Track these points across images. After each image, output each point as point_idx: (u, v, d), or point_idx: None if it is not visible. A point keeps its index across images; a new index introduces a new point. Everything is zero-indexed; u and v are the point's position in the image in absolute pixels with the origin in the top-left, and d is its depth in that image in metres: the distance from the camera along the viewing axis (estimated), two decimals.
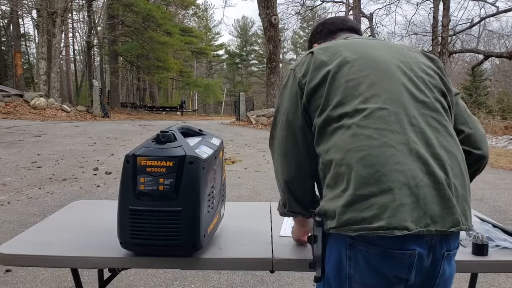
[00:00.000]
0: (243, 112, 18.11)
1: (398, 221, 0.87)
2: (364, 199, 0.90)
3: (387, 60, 1.05)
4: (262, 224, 1.57)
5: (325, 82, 1.03)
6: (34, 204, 4.22)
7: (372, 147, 0.93)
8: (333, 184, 0.96)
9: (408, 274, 0.92)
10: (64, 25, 20.82)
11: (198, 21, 42.27)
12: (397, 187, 0.89)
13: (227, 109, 43.25)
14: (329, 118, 1.00)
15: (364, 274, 0.93)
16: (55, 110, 16.45)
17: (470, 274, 1.60)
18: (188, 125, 1.48)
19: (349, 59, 1.04)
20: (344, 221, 0.91)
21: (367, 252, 0.91)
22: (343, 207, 0.92)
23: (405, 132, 0.95)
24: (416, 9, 38.40)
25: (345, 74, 1.02)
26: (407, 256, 0.90)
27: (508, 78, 24.24)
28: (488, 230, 1.40)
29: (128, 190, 1.18)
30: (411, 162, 0.92)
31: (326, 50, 1.09)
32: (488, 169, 7.28)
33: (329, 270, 0.99)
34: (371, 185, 0.90)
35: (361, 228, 0.89)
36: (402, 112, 0.97)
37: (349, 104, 0.99)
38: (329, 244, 0.98)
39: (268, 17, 15.93)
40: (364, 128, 0.95)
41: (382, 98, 0.98)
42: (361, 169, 0.91)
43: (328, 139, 1.00)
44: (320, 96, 1.03)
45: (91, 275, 2.51)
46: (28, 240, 1.39)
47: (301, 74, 1.08)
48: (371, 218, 0.88)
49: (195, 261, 1.25)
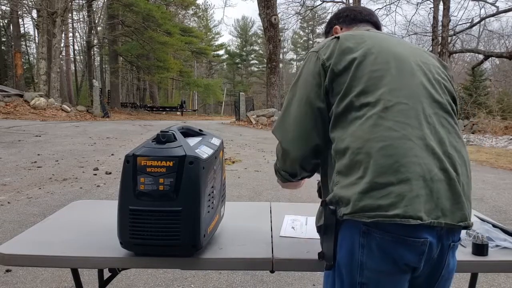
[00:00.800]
0: (243, 112, 18.11)
1: (413, 211, 0.90)
2: (381, 187, 0.92)
3: (409, 58, 1.08)
4: (262, 224, 1.57)
5: (350, 69, 1.04)
6: (34, 204, 4.22)
7: (392, 138, 0.96)
8: (347, 171, 0.97)
9: (419, 263, 0.95)
10: (64, 25, 20.82)
11: (198, 21, 42.28)
12: (414, 178, 0.92)
13: (227, 109, 43.25)
14: (351, 106, 1.02)
15: (377, 261, 0.94)
16: (55, 110, 16.45)
17: (470, 274, 1.60)
18: (188, 125, 1.48)
19: (373, 50, 1.07)
20: (360, 208, 0.92)
21: (382, 239, 0.93)
22: (359, 193, 0.93)
23: (422, 128, 0.98)
24: (416, 9, 38.43)
25: (370, 64, 1.04)
26: (420, 244, 0.93)
27: (508, 78, 24.24)
28: (488, 230, 1.40)
29: (128, 190, 1.18)
30: (427, 156, 0.96)
31: (352, 37, 1.11)
32: (488, 169, 7.28)
33: (340, 257, 0.99)
34: (389, 174, 0.93)
35: (377, 215, 0.91)
36: (420, 109, 1.01)
37: (372, 94, 1.01)
38: (342, 232, 0.98)
39: (268, 17, 15.93)
40: (385, 119, 0.98)
41: (403, 93, 1.01)
42: (380, 159, 0.94)
43: (347, 127, 1.01)
44: (343, 82, 1.04)
45: (91, 275, 2.51)
46: (28, 240, 1.39)
47: (326, 56, 1.08)
48: (388, 206, 0.91)
49: (195, 261, 1.25)
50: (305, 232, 1.49)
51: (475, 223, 1.46)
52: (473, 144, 12.32)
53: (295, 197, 4.66)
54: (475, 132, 14.30)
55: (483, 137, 13.21)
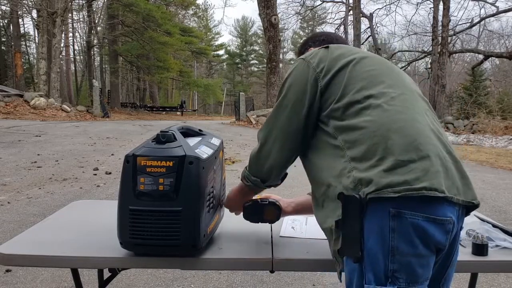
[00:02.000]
0: (243, 112, 18.12)
1: (438, 184, 0.93)
2: (405, 165, 0.94)
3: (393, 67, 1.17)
4: (262, 224, 1.57)
5: (345, 70, 1.08)
6: (34, 204, 4.22)
7: (405, 120, 1.00)
8: (365, 155, 0.98)
9: (445, 242, 0.97)
10: (64, 25, 20.82)
11: (198, 21, 42.29)
12: (433, 155, 0.96)
13: (227, 109, 43.26)
14: (353, 101, 1.04)
15: (409, 244, 0.92)
16: (55, 110, 16.46)
17: (470, 274, 1.60)
18: (188, 125, 1.48)
19: (366, 55, 1.14)
20: (386, 184, 0.92)
21: (413, 220, 0.92)
22: (383, 171, 0.94)
23: (423, 115, 1.05)
24: (416, 9, 38.44)
25: (367, 65, 1.10)
26: (447, 223, 0.95)
27: (508, 78, 24.24)
28: (488, 230, 1.40)
29: (128, 190, 1.18)
30: (435, 138, 1.01)
31: (341, 47, 1.16)
32: (488, 169, 7.28)
33: (370, 245, 0.94)
34: (410, 152, 0.95)
35: (404, 189, 0.91)
36: (418, 102, 1.09)
37: (373, 88, 1.06)
38: (367, 218, 0.94)
39: (268, 17, 15.93)
40: (394, 106, 1.02)
41: (401, 89, 1.08)
42: (398, 138, 0.97)
43: (354, 117, 1.03)
44: (339, 82, 1.08)
45: (91, 275, 2.51)
46: (28, 240, 1.39)
47: (316, 62, 1.12)
48: (413, 180, 0.92)
49: (195, 261, 1.25)
50: (305, 232, 1.49)
51: (475, 223, 1.46)
52: (473, 144, 12.32)
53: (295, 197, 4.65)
54: (475, 132, 14.30)
55: (483, 137, 13.21)
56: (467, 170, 1.07)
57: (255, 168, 1.22)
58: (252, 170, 1.23)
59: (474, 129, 14.49)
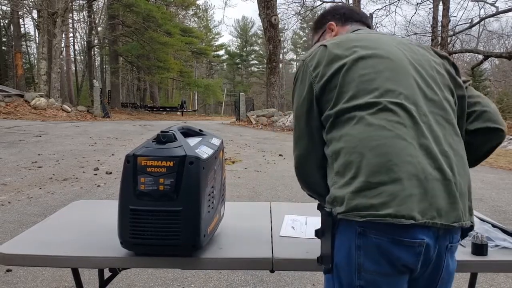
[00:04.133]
0: (243, 112, 18.12)
1: (406, 210, 0.90)
2: (374, 187, 0.92)
3: (400, 57, 1.07)
4: (262, 224, 1.57)
5: (339, 75, 1.04)
6: (34, 204, 4.22)
7: (386, 137, 0.95)
8: (343, 171, 0.97)
9: (416, 264, 0.94)
10: (64, 26, 20.83)
11: (198, 22, 42.31)
12: (406, 178, 0.92)
13: (227, 109, 43.27)
14: (343, 109, 1.02)
15: (374, 263, 0.94)
16: (56, 110, 16.46)
17: (470, 274, 1.60)
18: (188, 125, 1.48)
19: (363, 55, 1.06)
20: (353, 206, 0.92)
21: (378, 240, 0.92)
22: (352, 193, 0.93)
23: (417, 128, 0.97)
24: (415, 9, 38.41)
25: (360, 69, 1.04)
26: (416, 245, 0.92)
27: (508, 78, 24.23)
28: (488, 230, 1.40)
29: (128, 190, 1.18)
30: (421, 155, 0.95)
31: (339, 45, 1.10)
32: (488, 169, 7.28)
33: (338, 260, 0.98)
34: (382, 173, 0.92)
35: (370, 215, 0.90)
36: (414, 109, 1.00)
37: (362, 98, 1.01)
38: (338, 234, 0.98)
39: (268, 18, 15.94)
40: (378, 119, 0.97)
41: (396, 93, 1.00)
42: (373, 158, 0.94)
43: (341, 128, 1.01)
44: (332, 88, 1.05)
45: (91, 275, 2.51)
46: (28, 240, 1.39)
47: (313, 67, 1.09)
48: (380, 205, 0.90)
49: (195, 261, 1.26)
50: (305, 232, 1.49)
51: (475, 223, 1.47)
52: None
53: (295, 197, 4.66)
54: None
55: None
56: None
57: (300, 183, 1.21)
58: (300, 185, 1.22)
59: None
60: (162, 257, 1.24)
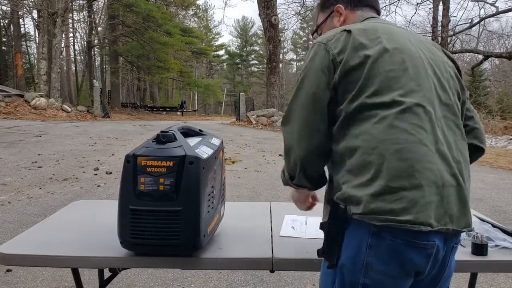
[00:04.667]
0: (243, 112, 18.11)
1: (424, 217, 0.90)
2: (394, 191, 0.91)
3: (422, 57, 1.06)
4: (262, 224, 1.57)
5: (364, 67, 0.99)
6: (34, 204, 4.22)
7: (408, 142, 0.94)
8: (359, 170, 0.95)
9: (425, 266, 0.96)
10: (64, 26, 20.83)
11: (199, 22, 42.30)
12: (427, 185, 0.92)
13: (227, 109, 43.27)
14: (364, 105, 0.98)
15: (384, 264, 0.93)
16: (56, 110, 16.46)
17: (470, 274, 1.60)
18: (188, 125, 1.48)
19: (388, 48, 1.02)
20: (371, 209, 0.91)
21: (393, 242, 0.92)
22: (371, 196, 0.92)
23: (434, 133, 0.98)
24: (415, 9, 38.39)
25: (386, 64, 1.00)
26: (429, 247, 0.94)
27: (508, 78, 24.23)
28: (488, 230, 1.40)
29: (128, 190, 1.18)
30: (440, 162, 0.96)
31: (364, 33, 1.05)
32: (488, 169, 7.28)
33: (345, 257, 0.97)
34: (403, 178, 0.91)
35: (388, 219, 0.90)
36: (433, 112, 1.00)
37: (387, 95, 0.97)
38: (349, 231, 0.96)
39: (268, 18, 15.93)
40: (401, 121, 0.95)
41: (419, 94, 0.99)
42: (395, 162, 0.92)
43: (358, 125, 0.98)
44: (355, 80, 0.99)
45: (91, 275, 2.51)
46: (28, 240, 1.39)
47: (337, 50, 1.02)
48: (400, 211, 0.90)
49: (195, 261, 1.26)
50: (304, 232, 1.49)
51: (475, 223, 1.47)
52: None
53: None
54: None
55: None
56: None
57: (285, 161, 1.14)
58: (284, 163, 1.15)
59: None
60: (162, 257, 1.24)
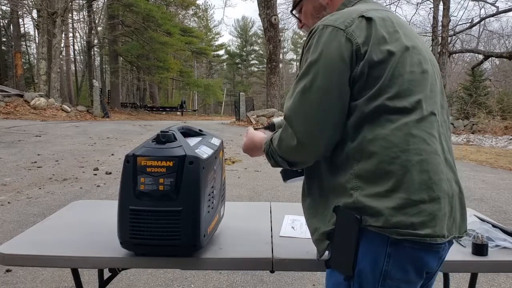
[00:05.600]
0: (243, 112, 18.12)
1: (440, 230, 0.92)
2: (414, 204, 0.89)
3: (430, 58, 1.04)
4: (262, 224, 1.57)
5: (387, 64, 0.93)
6: (34, 204, 4.22)
7: (427, 152, 0.92)
8: (373, 179, 0.91)
9: (437, 267, 0.98)
10: (64, 25, 20.83)
11: (198, 21, 42.30)
12: (443, 197, 0.93)
13: (227, 109, 43.27)
14: (384, 108, 0.92)
15: (401, 270, 0.92)
16: (55, 110, 16.45)
17: (470, 274, 1.60)
18: (188, 125, 1.48)
19: (408, 46, 0.97)
20: (393, 224, 0.89)
21: (411, 248, 0.91)
22: (393, 209, 0.89)
23: (441, 141, 0.98)
24: (416, 9, 38.47)
25: (408, 64, 0.95)
26: (441, 250, 0.96)
27: (508, 78, 24.22)
28: (488, 230, 1.40)
29: (128, 190, 1.18)
30: (449, 172, 0.97)
31: (384, 24, 0.97)
32: (488, 169, 7.28)
33: (363, 266, 0.92)
34: (423, 191, 0.90)
35: (409, 233, 0.89)
36: (439, 119, 0.99)
37: (407, 99, 0.93)
38: (364, 241, 0.92)
39: (268, 17, 15.93)
40: (420, 130, 0.93)
41: (432, 101, 0.97)
42: (416, 174, 0.90)
43: (374, 129, 0.92)
44: (378, 76, 0.92)
45: (91, 275, 2.51)
46: (28, 240, 1.39)
47: (361, 40, 0.93)
48: (419, 225, 0.89)
49: (195, 261, 1.25)
50: (305, 232, 1.49)
51: (475, 223, 1.47)
52: (473, 144, 12.32)
53: (295, 197, 4.66)
54: (475, 132, 14.30)
55: (483, 137, 13.21)
56: (467, 170, 1.08)
57: (284, 151, 1.02)
58: (281, 152, 1.03)
59: (474, 129, 14.49)
60: (162, 257, 1.24)
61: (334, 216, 0.95)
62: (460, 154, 9.17)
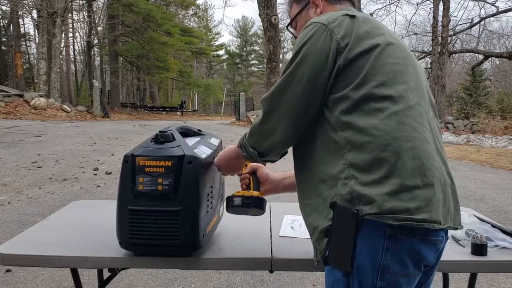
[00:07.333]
0: (243, 112, 18.12)
1: (437, 216, 0.92)
2: (409, 190, 0.90)
3: (415, 61, 1.07)
4: (261, 224, 1.57)
5: (370, 54, 0.96)
6: (34, 204, 4.22)
7: (418, 139, 0.94)
8: (368, 167, 0.92)
9: (435, 259, 0.99)
10: (64, 25, 20.83)
11: (198, 21, 42.30)
12: (436, 183, 0.94)
13: (227, 109, 43.28)
14: (371, 96, 0.95)
15: (400, 264, 0.92)
16: (55, 110, 16.46)
17: (470, 274, 1.60)
18: (187, 125, 1.48)
19: (392, 42, 1.01)
20: (388, 209, 0.89)
21: (409, 241, 0.91)
22: (387, 194, 0.89)
23: (432, 132, 1.00)
24: (416, 9, 38.44)
25: (392, 56, 0.99)
26: (439, 242, 0.97)
27: (508, 78, 24.22)
28: (487, 230, 1.40)
29: (127, 190, 1.18)
30: (440, 160, 0.98)
31: (367, 21, 1.02)
32: (488, 169, 7.28)
33: (361, 262, 0.92)
34: (416, 177, 0.91)
35: (405, 218, 0.89)
36: (428, 112, 1.02)
37: (393, 88, 0.96)
38: (362, 235, 0.91)
39: (268, 17, 15.92)
40: (410, 118, 0.95)
41: (418, 93, 1.00)
42: (409, 160, 0.92)
43: (365, 118, 0.94)
44: (362, 65, 0.96)
45: (91, 275, 2.51)
46: (28, 240, 1.39)
47: (341, 35, 0.97)
48: (415, 210, 0.90)
49: (195, 261, 1.25)
50: (304, 232, 1.49)
51: (474, 223, 1.47)
52: (473, 144, 12.32)
53: (295, 197, 4.65)
54: (475, 132, 14.30)
55: (483, 137, 13.22)
56: (467, 170, 1.08)
57: (255, 140, 1.10)
58: (252, 141, 1.11)
59: (474, 129, 14.49)
60: (161, 257, 1.24)
61: (331, 212, 0.95)
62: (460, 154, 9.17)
